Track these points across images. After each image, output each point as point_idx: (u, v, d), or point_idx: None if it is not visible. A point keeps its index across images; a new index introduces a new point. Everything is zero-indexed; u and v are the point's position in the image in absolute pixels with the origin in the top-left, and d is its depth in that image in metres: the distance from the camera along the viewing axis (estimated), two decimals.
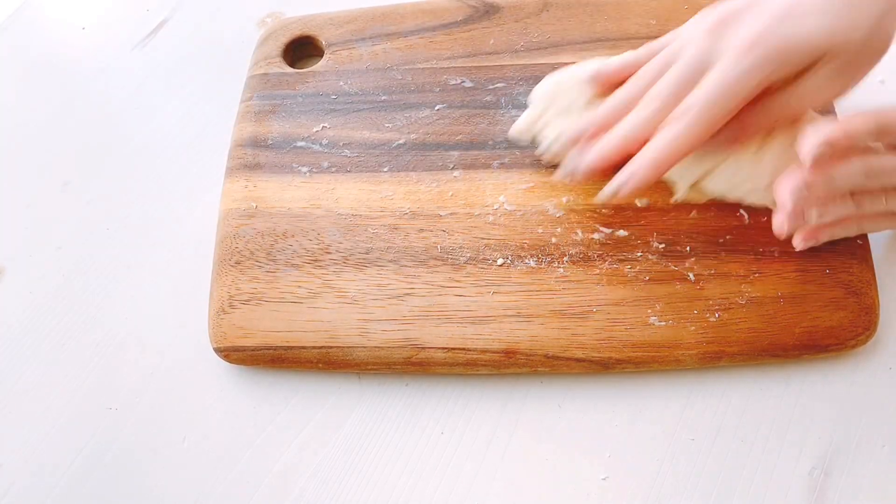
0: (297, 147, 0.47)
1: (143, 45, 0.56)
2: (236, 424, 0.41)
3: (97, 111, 0.53)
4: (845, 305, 0.40)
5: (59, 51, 0.56)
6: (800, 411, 0.40)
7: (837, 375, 0.41)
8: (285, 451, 0.40)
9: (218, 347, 0.41)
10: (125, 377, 0.42)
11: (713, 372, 0.41)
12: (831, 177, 0.37)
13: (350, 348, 0.40)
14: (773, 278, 0.41)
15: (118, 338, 0.44)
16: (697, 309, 0.40)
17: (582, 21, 0.51)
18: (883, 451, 0.39)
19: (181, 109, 0.52)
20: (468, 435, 0.40)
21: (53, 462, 0.40)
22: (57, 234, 0.47)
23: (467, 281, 0.42)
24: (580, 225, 0.43)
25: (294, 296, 0.42)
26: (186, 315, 0.44)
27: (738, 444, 0.39)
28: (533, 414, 0.41)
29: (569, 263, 0.42)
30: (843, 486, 0.38)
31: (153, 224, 0.47)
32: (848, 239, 0.42)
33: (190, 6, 0.57)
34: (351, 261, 0.43)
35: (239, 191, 0.45)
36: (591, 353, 0.40)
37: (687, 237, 0.43)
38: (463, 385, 0.42)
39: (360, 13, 0.52)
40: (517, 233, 0.43)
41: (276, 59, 0.51)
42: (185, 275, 0.45)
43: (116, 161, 0.50)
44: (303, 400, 0.42)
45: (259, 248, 0.43)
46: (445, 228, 0.43)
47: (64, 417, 0.41)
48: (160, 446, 0.40)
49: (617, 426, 0.40)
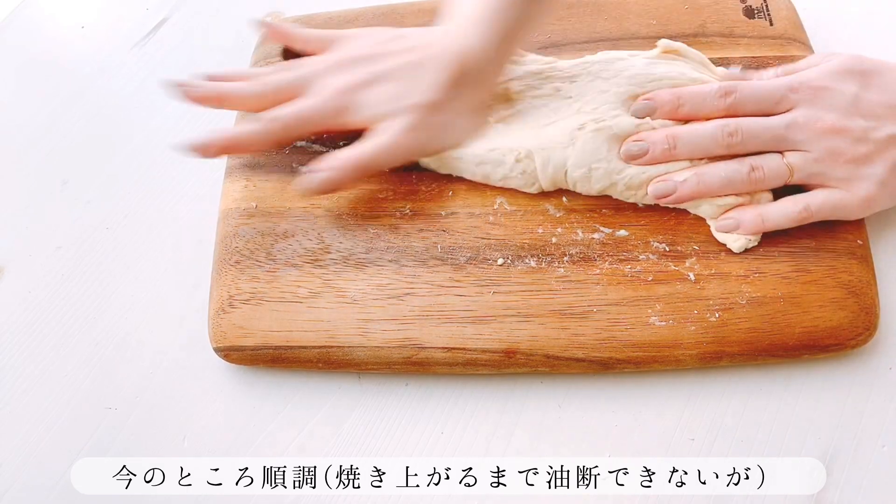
0: (297, 146, 0.47)
1: (143, 44, 0.56)
2: (236, 424, 0.41)
3: (96, 110, 0.53)
4: (845, 305, 0.40)
5: (58, 50, 0.56)
6: (800, 411, 0.40)
7: (837, 375, 0.41)
8: (285, 451, 0.40)
9: (218, 347, 0.41)
10: (125, 377, 0.42)
11: (713, 372, 0.41)
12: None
13: (350, 348, 0.40)
14: (773, 278, 0.41)
15: (118, 337, 0.44)
16: (697, 309, 0.40)
17: (582, 21, 0.51)
18: (883, 451, 0.39)
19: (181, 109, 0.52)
20: (468, 435, 0.40)
21: (53, 462, 0.40)
22: (57, 234, 0.47)
23: (467, 281, 0.42)
24: (580, 225, 0.43)
25: (294, 296, 0.42)
26: (186, 315, 0.44)
27: (738, 444, 0.39)
28: (533, 414, 0.41)
29: (569, 263, 0.42)
30: (844, 486, 0.38)
31: (153, 224, 0.47)
32: (848, 239, 0.42)
33: (190, 5, 0.57)
34: (351, 261, 0.43)
35: (239, 190, 0.45)
36: (591, 353, 0.40)
37: (687, 237, 0.43)
38: (463, 385, 0.42)
39: (360, 13, 0.52)
40: (517, 233, 0.43)
41: (275, 59, 0.51)
42: (185, 275, 0.45)
43: (116, 161, 0.50)
44: (303, 400, 0.42)
45: (259, 248, 0.43)
46: (445, 228, 0.43)
47: (64, 417, 0.41)
48: (160, 446, 0.40)
49: (617, 426, 0.40)
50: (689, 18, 0.51)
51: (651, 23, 0.50)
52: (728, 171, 0.42)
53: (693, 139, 0.42)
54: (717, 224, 0.42)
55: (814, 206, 0.41)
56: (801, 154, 0.42)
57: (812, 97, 0.42)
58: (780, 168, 0.42)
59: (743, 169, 0.42)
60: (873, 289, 0.41)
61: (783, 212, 0.42)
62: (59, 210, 0.48)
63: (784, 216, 0.41)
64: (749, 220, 0.41)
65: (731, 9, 0.51)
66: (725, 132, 0.42)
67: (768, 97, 0.42)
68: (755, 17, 0.50)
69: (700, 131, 0.42)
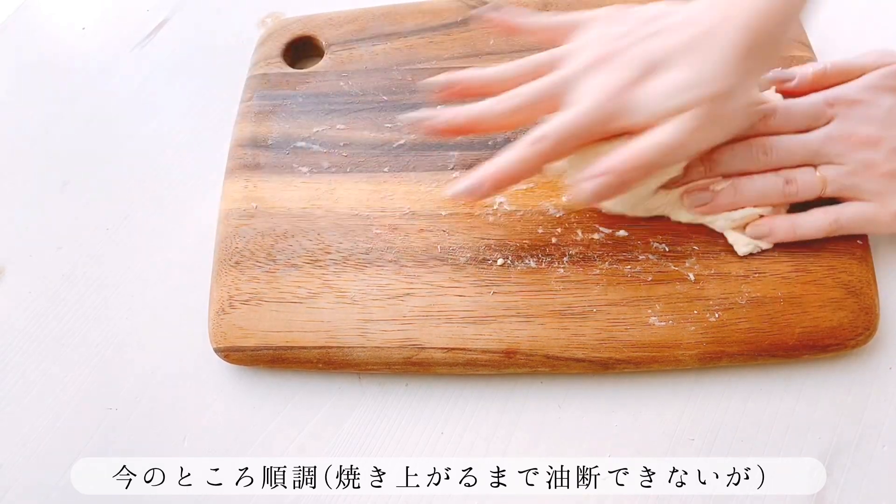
0: (297, 147, 0.47)
1: (143, 46, 0.56)
2: (236, 424, 0.41)
3: (97, 111, 0.53)
4: (845, 305, 0.40)
5: (59, 51, 0.56)
6: (800, 411, 0.40)
7: (837, 375, 0.41)
8: (285, 451, 0.40)
9: (218, 347, 0.41)
10: (125, 377, 0.42)
11: (713, 372, 0.41)
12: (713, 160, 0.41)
13: (350, 348, 0.40)
14: (773, 278, 0.41)
15: (118, 338, 0.44)
16: (697, 309, 0.40)
17: None
18: (883, 451, 0.39)
19: (181, 109, 0.52)
20: (468, 435, 0.40)
21: (53, 462, 0.40)
22: (57, 234, 0.47)
23: (467, 281, 0.42)
24: (580, 225, 0.43)
25: (294, 296, 0.42)
26: (186, 315, 0.44)
27: (738, 444, 0.39)
28: (533, 414, 0.41)
29: (569, 263, 0.42)
30: (844, 486, 0.38)
31: (153, 224, 0.47)
32: (848, 239, 0.42)
33: (190, 6, 0.57)
34: (351, 261, 0.43)
35: (239, 191, 0.45)
36: (591, 354, 0.40)
37: (687, 237, 0.43)
38: (463, 385, 0.42)
39: (360, 13, 0.52)
40: (517, 233, 0.43)
41: (276, 60, 0.51)
42: (185, 275, 0.45)
43: (116, 161, 0.50)
44: (303, 400, 0.42)
45: (259, 249, 0.43)
46: (445, 228, 0.43)
47: (64, 417, 0.41)
48: (160, 446, 0.40)
49: (617, 426, 0.40)
50: None
51: None
52: (764, 184, 0.42)
53: (727, 160, 0.42)
54: (749, 229, 0.42)
55: (844, 218, 0.41)
56: (835, 167, 0.42)
57: (847, 111, 0.42)
58: (814, 181, 0.42)
59: (778, 182, 0.42)
60: (873, 289, 0.41)
61: (814, 223, 0.41)
62: (59, 210, 0.48)
63: (815, 227, 0.41)
64: (782, 228, 0.41)
65: None
66: (760, 151, 0.42)
67: (806, 114, 0.43)
68: None
69: (734, 152, 0.42)
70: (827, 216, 0.41)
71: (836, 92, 0.43)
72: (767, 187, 0.42)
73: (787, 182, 0.42)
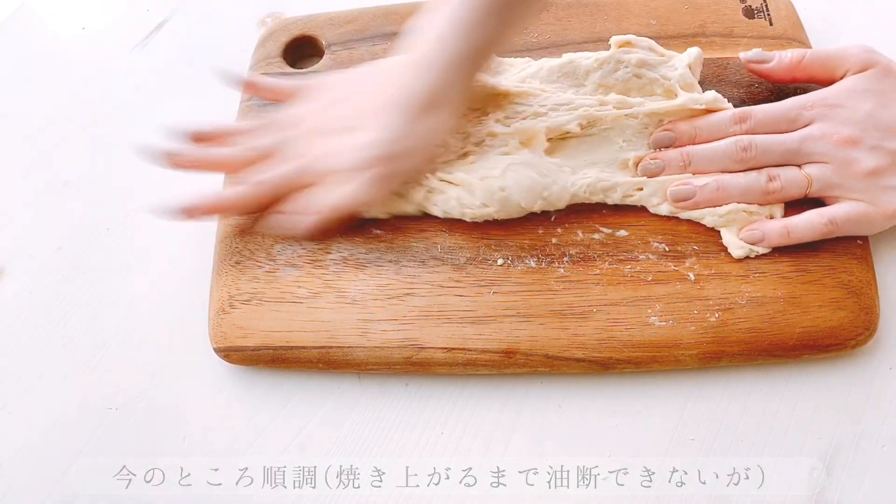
0: None
1: (143, 45, 0.56)
2: (236, 424, 0.41)
3: (97, 111, 0.53)
4: (845, 305, 0.40)
5: (59, 51, 0.56)
6: (800, 411, 0.40)
7: (837, 375, 0.41)
8: (285, 451, 0.40)
9: (218, 347, 0.41)
10: (125, 377, 0.42)
11: (713, 372, 0.41)
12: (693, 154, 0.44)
13: (350, 348, 0.40)
14: (772, 278, 0.41)
15: (118, 338, 0.44)
16: (697, 309, 0.40)
17: (582, 21, 0.51)
18: (883, 451, 0.39)
19: (181, 109, 0.52)
20: (468, 435, 0.40)
21: (53, 462, 0.40)
22: (57, 234, 0.47)
23: (467, 281, 0.42)
24: (580, 225, 0.43)
25: (294, 296, 0.42)
26: (186, 315, 0.44)
27: (738, 444, 0.39)
28: (533, 414, 0.41)
29: (569, 263, 0.42)
30: (844, 486, 0.38)
31: (153, 224, 0.47)
32: (848, 239, 0.42)
33: (190, 6, 0.57)
34: (351, 261, 0.43)
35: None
36: (591, 353, 0.40)
37: (686, 237, 0.43)
38: (463, 385, 0.42)
39: (360, 13, 0.52)
40: (517, 233, 0.43)
41: (276, 59, 0.51)
42: (185, 275, 0.45)
43: (116, 161, 0.50)
44: (303, 400, 0.42)
45: (259, 248, 0.43)
46: (445, 228, 0.43)
47: (64, 417, 0.41)
48: (160, 446, 0.40)
49: (617, 426, 0.40)
50: (688, 18, 0.51)
51: (651, 23, 0.50)
52: (747, 180, 0.42)
53: (707, 155, 0.43)
54: (742, 234, 0.42)
55: (839, 218, 0.41)
56: (819, 166, 0.42)
57: (827, 112, 0.43)
58: (799, 178, 0.42)
59: (761, 178, 0.42)
60: (873, 289, 0.41)
61: (808, 224, 0.42)
62: (59, 210, 0.48)
63: (810, 229, 0.42)
64: (775, 232, 0.42)
65: (731, 9, 0.51)
66: (739, 147, 0.42)
67: (783, 117, 0.43)
68: (755, 17, 0.51)
69: (714, 148, 0.43)
70: (821, 217, 0.42)
71: (815, 96, 0.43)
72: (750, 183, 0.42)
73: (771, 179, 0.42)
